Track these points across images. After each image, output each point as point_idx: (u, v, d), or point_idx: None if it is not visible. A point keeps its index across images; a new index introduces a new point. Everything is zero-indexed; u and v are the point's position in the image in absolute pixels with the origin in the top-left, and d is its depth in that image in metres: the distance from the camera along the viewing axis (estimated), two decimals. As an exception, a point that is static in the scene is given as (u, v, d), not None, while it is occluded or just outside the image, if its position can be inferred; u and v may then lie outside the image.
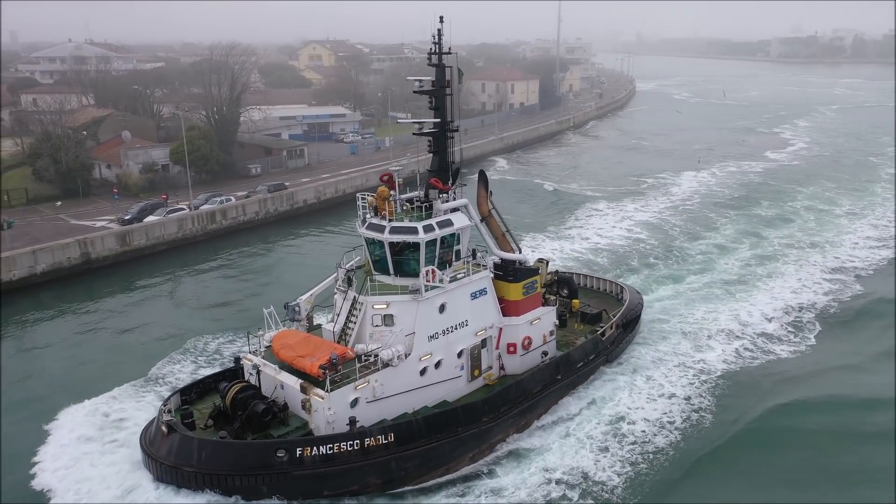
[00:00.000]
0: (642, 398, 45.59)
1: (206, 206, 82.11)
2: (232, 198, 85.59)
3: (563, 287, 52.02)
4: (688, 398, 45.74)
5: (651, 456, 39.68)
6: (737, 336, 55.11)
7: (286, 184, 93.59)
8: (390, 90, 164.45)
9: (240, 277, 69.98)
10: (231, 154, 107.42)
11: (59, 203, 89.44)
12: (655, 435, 41.55)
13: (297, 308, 42.54)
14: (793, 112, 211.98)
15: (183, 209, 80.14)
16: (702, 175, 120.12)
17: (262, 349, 40.14)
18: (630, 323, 52.36)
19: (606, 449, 40.03)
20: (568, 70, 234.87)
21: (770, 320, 58.25)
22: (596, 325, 50.23)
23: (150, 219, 77.61)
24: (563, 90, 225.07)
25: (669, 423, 42.97)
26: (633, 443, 40.77)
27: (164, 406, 37.36)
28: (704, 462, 39.43)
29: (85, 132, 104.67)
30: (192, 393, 39.59)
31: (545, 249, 77.94)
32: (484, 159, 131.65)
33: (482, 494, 36.00)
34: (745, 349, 53.16)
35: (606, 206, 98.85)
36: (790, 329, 57.02)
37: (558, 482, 36.77)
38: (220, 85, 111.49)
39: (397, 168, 41.01)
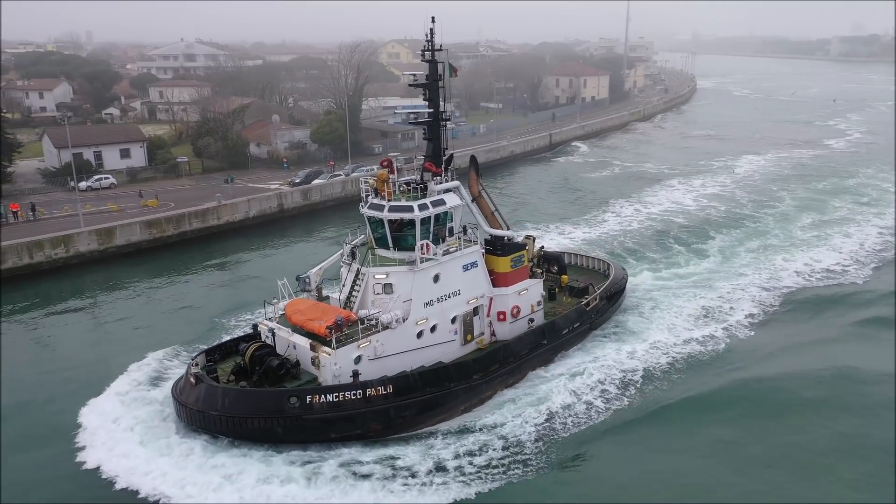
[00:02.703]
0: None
1: (355, 174, 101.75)
2: (374, 167, 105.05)
3: (553, 264, 56.44)
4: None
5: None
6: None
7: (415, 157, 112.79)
8: (472, 85, 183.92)
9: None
10: (357, 135, 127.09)
11: (230, 179, 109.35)
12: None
13: (307, 280, 46.62)
14: (850, 107, 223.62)
15: (340, 175, 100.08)
16: (763, 158, 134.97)
17: (277, 315, 44.49)
18: (614, 295, 56.55)
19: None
20: (633, 67, 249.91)
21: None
22: (583, 297, 53.90)
23: (316, 182, 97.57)
24: (628, 86, 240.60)
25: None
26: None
27: (193, 361, 42.13)
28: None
29: (233, 117, 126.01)
30: (215, 354, 43.73)
31: (626, 213, 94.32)
32: (568, 144, 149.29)
33: (475, 435, 40.27)
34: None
35: (678, 182, 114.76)
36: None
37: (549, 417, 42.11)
38: (347, 77, 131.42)
39: (395, 154, 48.50)
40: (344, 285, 45.00)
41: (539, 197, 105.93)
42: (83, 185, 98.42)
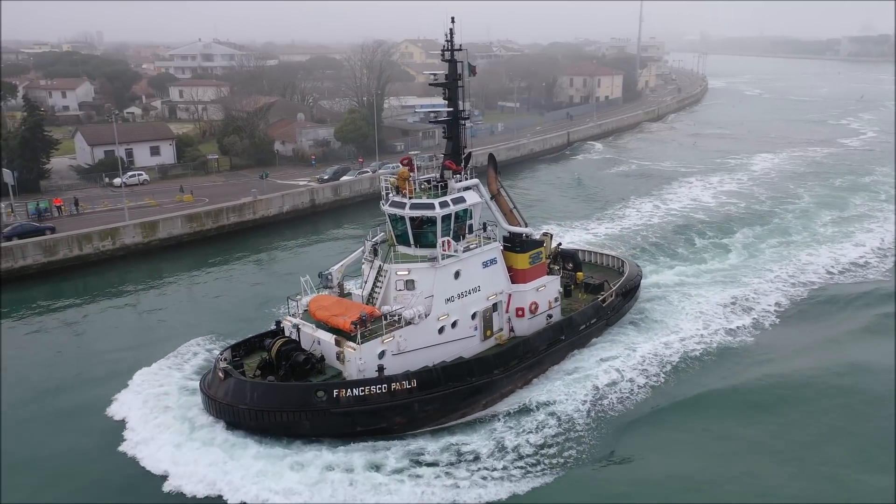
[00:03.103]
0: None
1: (381, 171, 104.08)
2: (399, 164, 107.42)
3: (568, 261, 56.63)
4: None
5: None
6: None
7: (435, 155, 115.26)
8: (487, 85, 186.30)
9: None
10: (379, 133, 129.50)
11: (265, 175, 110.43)
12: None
13: (329, 276, 47.41)
14: (862, 106, 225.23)
15: (367, 171, 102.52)
16: (778, 157, 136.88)
17: (300, 312, 44.91)
18: (629, 292, 57.30)
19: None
20: (646, 67, 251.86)
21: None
22: (598, 294, 54.55)
23: (344, 178, 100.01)
24: (641, 86, 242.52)
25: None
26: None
27: (221, 356, 42.46)
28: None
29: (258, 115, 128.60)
30: (240, 349, 44.23)
31: (645, 210, 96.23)
32: (585, 142, 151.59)
33: (496, 432, 40.93)
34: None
35: (696, 179, 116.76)
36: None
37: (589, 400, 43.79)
38: (369, 77, 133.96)
39: (415, 153, 47.88)
40: (366, 282, 45.54)
41: (560, 194, 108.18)
42: (118, 181, 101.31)
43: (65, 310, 62.25)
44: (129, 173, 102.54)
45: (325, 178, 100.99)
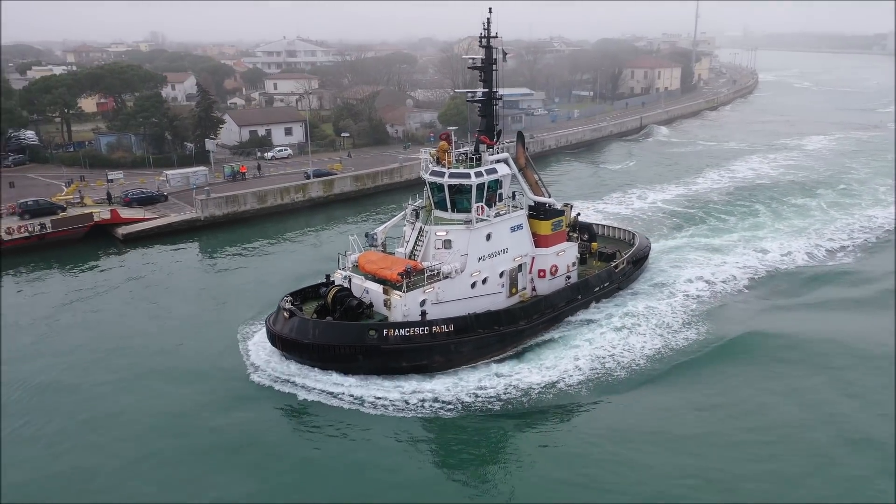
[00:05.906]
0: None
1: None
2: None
3: (584, 232, 61.24)
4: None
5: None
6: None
7: (532, 135, 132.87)
8: (555, 76, 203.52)
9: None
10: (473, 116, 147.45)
11: (408, 145, 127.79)
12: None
13: (375, 236, 52.15)
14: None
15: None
16: (830, 138, 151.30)
17: (350, 266, 50.47)
18: (639, 261, 62.63)
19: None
20: (699, 61, 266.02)
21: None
22: (611, 262, 59.70)
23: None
24: (695, 79, 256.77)
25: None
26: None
27: (286, 298, 47.58)
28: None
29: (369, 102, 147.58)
30: (297, 297, 48.99)
31: (711, 177, 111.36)
32: (655, 126, 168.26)
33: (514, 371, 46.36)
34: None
35: (758, 155, 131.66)
36: None
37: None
38: (461, 70, 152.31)
39: (453, 129, 51.45)
40: (407, 241, 51.09)
41: (638, 166, 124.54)
42: (269, 154, 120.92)
43: (270, 244, 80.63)
44: (277, 148, 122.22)
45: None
